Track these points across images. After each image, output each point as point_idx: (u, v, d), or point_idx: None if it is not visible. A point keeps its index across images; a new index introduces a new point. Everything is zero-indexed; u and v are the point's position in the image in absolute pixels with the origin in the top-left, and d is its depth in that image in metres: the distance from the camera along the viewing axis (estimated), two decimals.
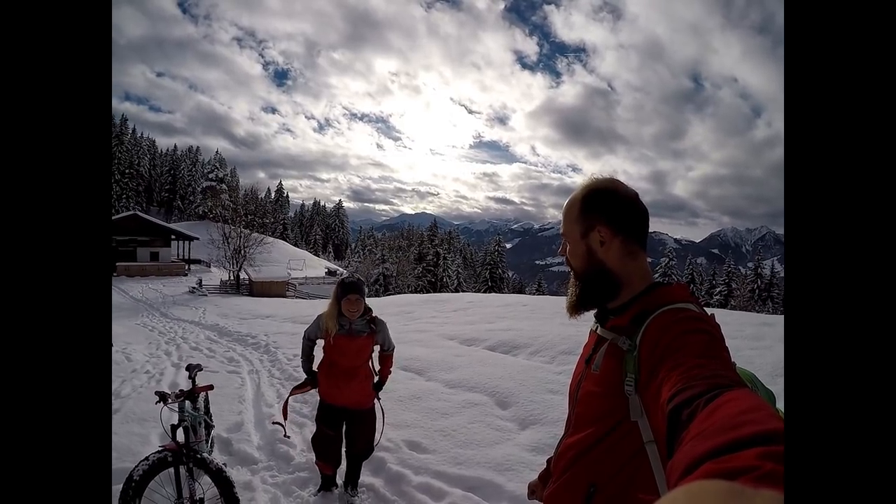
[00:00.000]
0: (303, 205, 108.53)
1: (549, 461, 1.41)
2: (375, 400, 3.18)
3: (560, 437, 1.32)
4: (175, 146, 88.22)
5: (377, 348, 3.15)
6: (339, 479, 3.17)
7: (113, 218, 43.97)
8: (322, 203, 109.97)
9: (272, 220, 68.47)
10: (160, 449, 2.63)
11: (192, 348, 9.73)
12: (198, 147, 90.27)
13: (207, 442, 3.57)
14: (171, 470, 2.59)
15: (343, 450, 3.12)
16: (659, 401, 0.76)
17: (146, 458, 2.55)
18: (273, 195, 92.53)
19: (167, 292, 26.98)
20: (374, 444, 3.18)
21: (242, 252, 35.51)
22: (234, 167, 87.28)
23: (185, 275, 39.48)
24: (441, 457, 3.36)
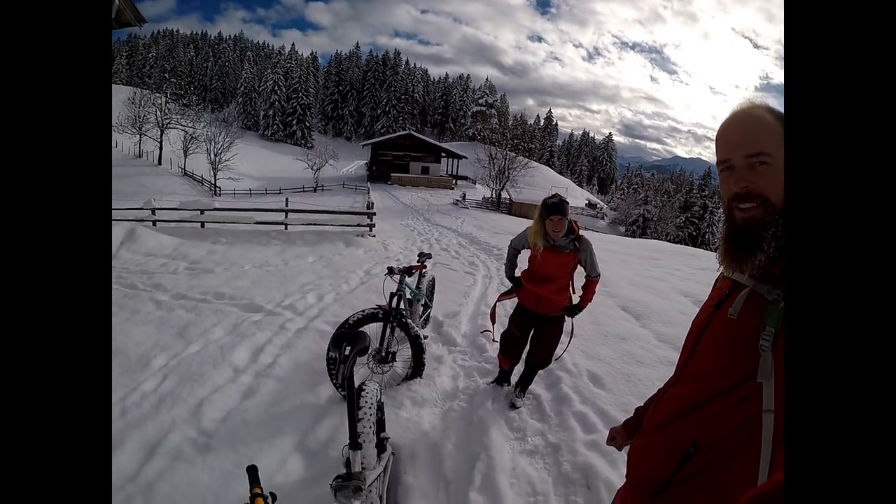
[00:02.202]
0: (571, 134, 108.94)
1: (637, 410, 1.37)
2: (567, 317, 3.22)
3: (661, 387, 1.24)
4: (446, 74, 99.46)
5: (581, 270, 3.13)
6: (514, 379, 3.43)
7: (389, 136, 52.22)
8: (591, 134, 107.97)
9: (539, 146, 70.60)
10: (375, 307, 3.32)
11: (442, 249, 11.22)
12: (468, 75, 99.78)
13: (422, 318, 4.30)
14: (381, 325, 3.28)
15: (525, 354, 3.32)
16: None
17: (362, 311, 3.30)
18: (542, 122, 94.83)
19: (433, 202, 31.13)
20: (554, 357, 3.27)
21: (506, 173, 37.93)
22: (503, 94, 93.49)
23: (451, 188, 44.67)
24: (613, 398, 3.30)
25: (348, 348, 1.60)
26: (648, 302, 6.26)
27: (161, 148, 43.07)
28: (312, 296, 5.85)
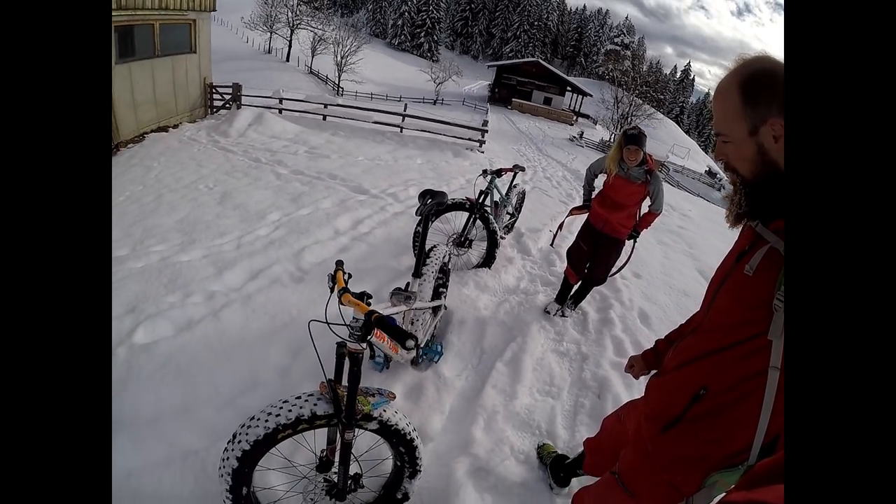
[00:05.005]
0: (707, 94, 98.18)
1: (658, 343, 1.45)
2: (629, 240, 3.40)
3: (680, 325, 1.37)
4: (584, 6, 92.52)
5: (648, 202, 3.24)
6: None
7: (516, 61, 50.12)
8: None
9: (670, 98, 64.56)
10: (464, 199, 3.76)
11: (545, 177, 11.22)
12: (606, 10, 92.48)
13: (506, 224, 4.78)
14: (467, 216, 3.78)
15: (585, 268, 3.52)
16: None
17: (452, 199, 3.70)
18: (677, 74, 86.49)
19: (549, 133, 30.12)
20: (610, 274, 3.46)
21: (629, 119, 35.38)
22: (641, 36, 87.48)
23: (571, 124, 42.45)
24: (653, 337, 3.41)
25: (429, 196, 2.17)
26: None
27: (290, 46, 44.92)
28: (414, 189, 6.44)
